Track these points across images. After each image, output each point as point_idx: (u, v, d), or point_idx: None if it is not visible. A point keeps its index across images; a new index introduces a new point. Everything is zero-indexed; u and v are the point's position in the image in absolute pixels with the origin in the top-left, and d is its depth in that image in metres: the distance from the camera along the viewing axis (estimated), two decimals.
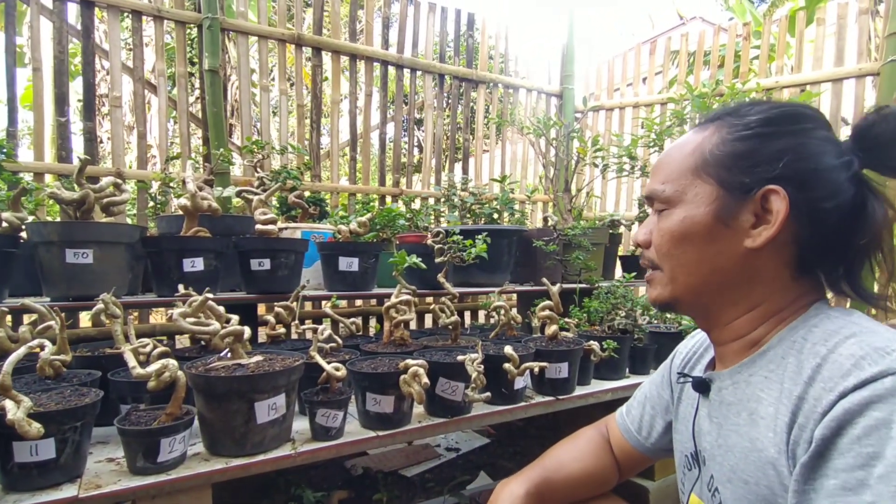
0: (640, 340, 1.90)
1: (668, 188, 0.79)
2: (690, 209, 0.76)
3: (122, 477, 1.05)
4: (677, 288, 0.80)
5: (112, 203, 1.56)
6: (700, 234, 0.76)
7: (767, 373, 0.73)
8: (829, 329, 0.69)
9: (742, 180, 0.73)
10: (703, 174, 0.76)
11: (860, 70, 3.03)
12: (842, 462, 0.58)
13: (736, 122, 0.76)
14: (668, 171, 0.81)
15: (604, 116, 4.04)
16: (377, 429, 1.31)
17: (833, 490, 0.57)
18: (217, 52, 2.65)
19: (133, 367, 1.04)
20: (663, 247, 0.80)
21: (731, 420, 0.77)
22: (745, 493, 0.71)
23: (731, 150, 0.75)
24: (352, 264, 1.86)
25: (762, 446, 0.69)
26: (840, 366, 0.63)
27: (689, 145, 0.79)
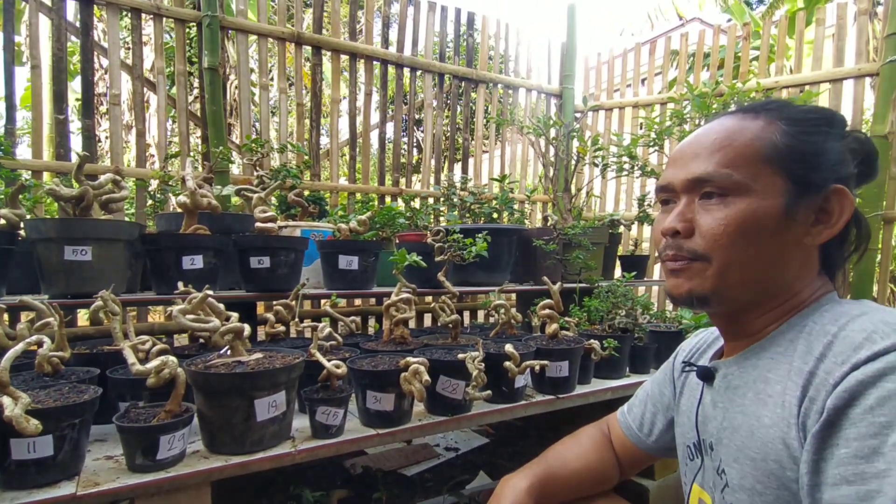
0: (641, 339, 1.90)
1: (736, 174, 0.73)
2: (761, 199, 0.72)
3: (120, 475, 1.05)
4: (727, 281, 0.75)
5: (111, 200, 1.56)
6: (769, 227, 0.72)
7: (774, 355, 0.74)
8: (839, 311, 0.71)
9: (812, 176, 0.73)
10: (773, 164, 0.73)
11: (859, 70, 3.03)
12: (854, 431, 0.57)
13: (793, 116, 0.76)
14: (732, 154, 0.75)
15: (603, 116, 4.04)
16: (377, 427, 1.30)
17: (844, 458, 0.57)
18: (216, 51, 2.64)
19: (132, 364, 1.03)
20: (722, 237, 0.73)
21: (736, 402, 0.77)
22: (752, 469, 0.71)
23: (798, 144, 0.74)
24: (352, 263, 1.85)
25: (770, 422, 0.69)
26: (851, 340, 0.63)
27: (748, 131, 0.75)
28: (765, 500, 0.69)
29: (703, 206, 0.76)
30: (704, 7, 8.04)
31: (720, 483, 0.78)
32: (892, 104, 2.85)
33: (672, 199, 0.83)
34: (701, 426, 0.87)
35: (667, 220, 0.80)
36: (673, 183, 0.81)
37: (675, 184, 0.80)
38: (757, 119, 0.76)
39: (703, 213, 0.76)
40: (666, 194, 0.84)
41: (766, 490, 0.68)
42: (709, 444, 0.83)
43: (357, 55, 3.14)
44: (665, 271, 0.84)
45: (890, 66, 2.84)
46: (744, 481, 0.72)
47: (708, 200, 0.76)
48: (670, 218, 0.79)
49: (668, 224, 0.79)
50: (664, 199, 0.85)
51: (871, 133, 2.92)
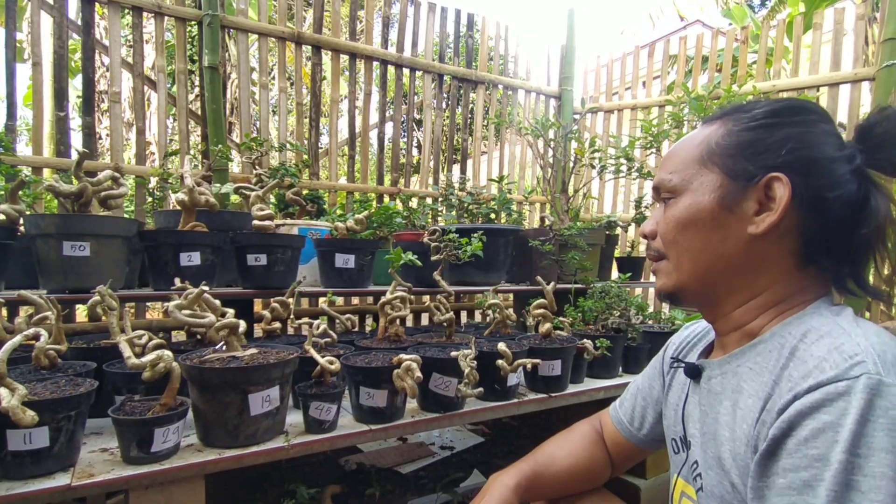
0: (634, 340, 1.92)
1: (675, 178, 0.82)
2: (695, 196, 0.79)
3: (115, 466, 1.06)
4: (682, 276, 0.82)
5: (110, 196, 1.57)
6: (704, 221, 0.78)
7: (753, 364, 0.75)
8: (811, 325, 0.70)
9: (746, 168, 0.75)
10: (708, 163, 0.79)
11: (856, 75, 3.05)
12: (789, 462, 0.60)
13: (742, 116, 0.80)
14: (676, 161, 0.83)
15: (602, 118, 4.05)
16: (370, 423, 1.32)
17: (781, 488, 0.60)
18: (217, 49, 2.66)
19: (128, 358, 1.05)
20: (669, 234, 0.82)
21: (715, 409, 0.79)
22: (721, 479, 0.74)
23: (736, 140, 0.78)
24: (348, 261, 1.87)
25: (736, 437, 0.72)
26: (804, 366, 0.65)
27: (697, 138, 0.83)
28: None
29: (663, 209, 0.85)
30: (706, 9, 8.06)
31: (695, 485, 0.82)
32: None
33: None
34: (686, 421, 0.89)
35: (644, 224, 0.90)
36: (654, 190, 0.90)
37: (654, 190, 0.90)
38: (712, 125, 0.83)
39: (662, 216, 0.85)
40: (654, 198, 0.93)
41: (732, 500, 0.72)
42: (691, 440, 0.86)
43: (357, 55, 3.16)
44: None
45: (886, 71, 2.86)
46: (714, 489, 0.76)
47: (665, 204, 0.85)
48: (645, 222, 0.90)
49: (642, 228, 0.90)
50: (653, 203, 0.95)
51: None
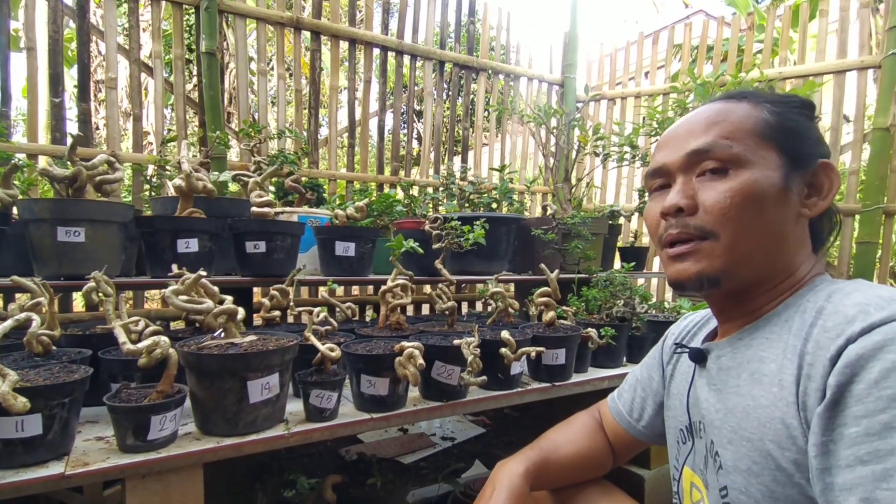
0: (639, 329, 1.89)
1: (737, 146, 0.73)
2: (762, 171, 0.73)
3: (111, 455, 1.03)
4: (736, 257, 0.73)
5: (105, 181, 1.54)
6: (772, 198, 0.72)
7: (769, 335, 0.73)
8: (833, 288, 0.70)
9: (803, 151, 0.75)
10: (767, 139, 0.74)
11: (862, 62, 3.01)
12: (861, 408, 0.55)
13: (773, 100, 0.78)
14: (729, 128, 0.74)
15: (605, 107, 4.01)
16: (372, 411, 1.29)
17: (855, 437, 0.55)
18: (214, 35, 2.61)
19: (123, 343, 1.02)
20: (731, 210, 0.72)
21: (730, 383, 0.76)
22: (748, 450, 0.69)
23: (787, 123, 0.75)
24: (348, 249, 1.84)
25: (767, 402, 0.68)
26: (844, 314, 0.62)
27: (739, 110, 0.76)
28: (761, 482, 0.67)
29: (704, 181, 0.75)
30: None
31: (713, 465, 0.77)
32: (894, 97, 2.83)
33: (666, 183, 0.82)
34: (692, 408, 0.86)
35: (668, 198, 0.78)
36: (667, 164, 0.80)
37: (671, 164, 0.79)
38: (742, 102, 0.78)
39: (706, 189, 0.75)
40: (660, 178, 0.83)
41: (762, 471, 0.67)
42: (700, 425, 0.83)
43: (357, 41, 3.11)
44: (665, 258, 0.81)
45: (892, 59, 2.82)
46: (739, 463, 0.71)
47: (709, 175, 0.75)
48: (671, 195, 0.77)
49: (669, 202, 0.77)
50: (658, 186, 0.84)
51: (873, 125, 2.90)
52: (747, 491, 0.69)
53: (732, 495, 0.72)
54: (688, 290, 0.78)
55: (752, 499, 0.68)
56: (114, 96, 2.60)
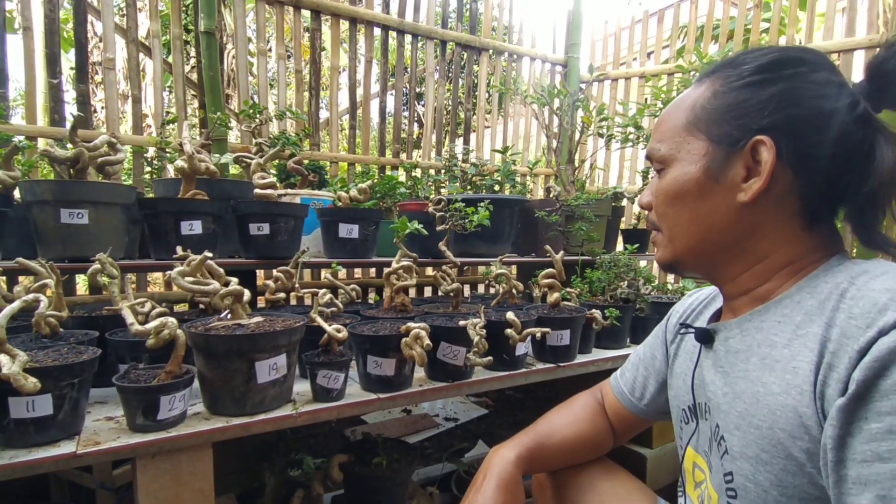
0: (643, 310, 1.90)
1: (663, 147, 0.79)
2: (683, 167, 0.76)
3: (121, 434, 1.04)
4: (677, 248, 0.80)
5: (107, 163, 1.53)
6: (692, 192, 0.75)
7: (780, 317, 0.71)
8: (855, 269, 0.67)
9: (731, 132, 0.71)
10: (694, 130, 0.75)
11: (870, 41, 2.97)
12: (887, 404, 0.53)
13: (730, 73, 0.74)
14: (664, 129, 0.80)
15: (609, 87, 3.97)
16: (378, 392, 1.30)
17: (877, 433, 0.54)
18: (213, 13, 2.57)
19: (131, 324, 1.02)
20: (659, 207, 0.81)
21: (738, 367, 0.74)
22: (757, 438, 0.68)
23: (721, 102, 0.73)
24: (352, 231, 1.83)
25: (779, 389, 0.66)
26: (873, 301, 0.59)
27: (685, 102, 0.78)
28: (769, 470, 0.66)
29: (657, 178, 0.83)
30: None
31: (719, 450, 0.76)
32: None
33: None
34: (697, 389, 0.85)
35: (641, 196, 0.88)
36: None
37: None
38: (701, 85, 0.77)
39: (655, 187, 0.82)
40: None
41: (772, 459, 0.66)
42: (705, 407, 0.82)
43: (357, 20, 3.07)
44: None
45: None
46: (746, 449, 0.69)
47: (657, 174, 0.82)
48: (643, 194, 0.87)
49: (639, 200, 0.90)
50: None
51: None
52: (755, 478, 0.68)
53: (738, 481, 0.71)
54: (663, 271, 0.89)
55: (759, 486, 0.67)
56: (112, 77, 2.57)
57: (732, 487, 0.73)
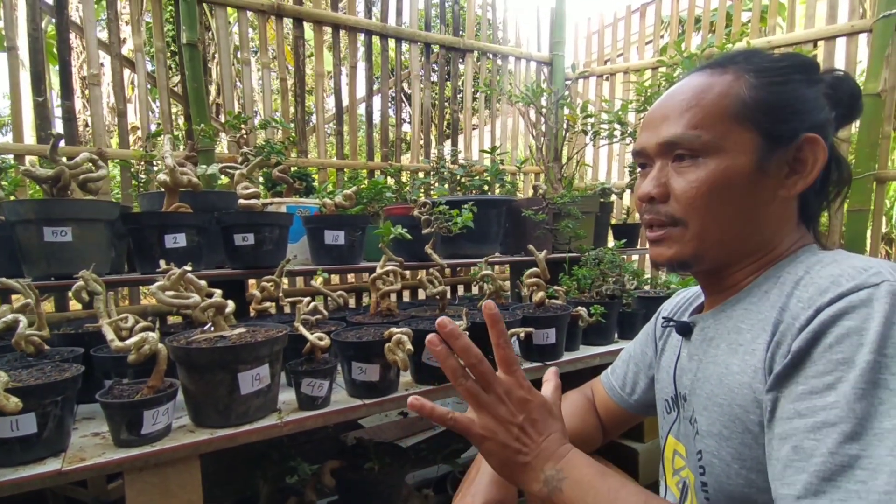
0: (629, 306, 1.91)
1: (706, 134, 0.72)
2: (731, 157, 0.71)
3: (106, 450, 1.05)
4: (705, 244, 0.75)
5: (88, 180, 1.54)
6: (742, 185, 0.71)
7: (749, 305, 0.74)
8: (812, 260, 0.70)
9: (784, 128, 0.72)
10: (741, 120, 0.71)
11: (852, 27, 2.97)
12: (813, 369, 0.58)
13: (762, 67, 0.74)
14: (701, 115, 0.73)
15: (594, 84, 3.97)
16: (364, 397, 1.31)
17: (801, 394, 0.58)
18: (195, 26, 2.58)
19: (111, 341, 1.03)
20: (696, 200, 0.72)
21: (710, 353, 0.78)
22: (719, 415, 0.72)
23: (768, 96, 0.72)
24: (338, 237, 1.84)
25: (738, 369, 0.70)
26: (818, 285, 0.63)
27: (716, 88, 0.73)
28: (730, 445, 0.70)
29: (676, 168, 0.75)
30: None
31: (692, 431, 0.79)
32: (886, 61, 2.81)
33: (648, 164, 0.82)
34: (678, 380, 0.88)
35: (643, 186, 0.79)
36: (647, 148, 0.80)
37: (649, 148, 0.79)
38: (725, 74, 0.75)
39: (676, 177, 0.75)
40: (642, 159, 0.83)
41: (731, 435, 0.70)
42: (683, 395, 0.85)
43: (340, 26, 3.07)
44: (647, 239, 0.83)
45: (883, 22, 2.79)
46: (711, 427, 0.73)
47: (680, 163, 0.75)
48: (645, 183, 0.79)
49: (642, 190, 0.79)
50: (641, 164, 0.84)
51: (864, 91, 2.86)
52: (719, 454, 0.72)
53: (706, 458, 0.74)
54: (662, 269, 0.83)
55: (723, 461, 0.71)
56: (97, 93, 2.58)
57: (702, 465, 0.76)
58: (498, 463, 0.73)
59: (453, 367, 0.71)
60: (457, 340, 0.70)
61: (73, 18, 2.74)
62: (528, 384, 0.75)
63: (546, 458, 0.71)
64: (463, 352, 0.70)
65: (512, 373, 0.74)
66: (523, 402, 0.73)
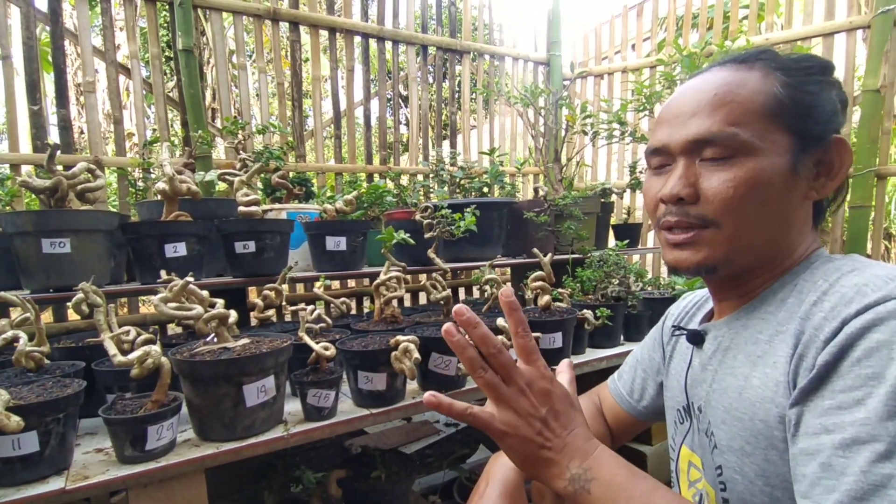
0: (634, 307, 1.89)
1: (744, 132, 0.68)
2: (770, 157, 0.69)
3: (110, 467, 1.04)
4: (738, 246, 0.72)
5: (87, 189, 1.52)
6: (778, 186, 0.69)
7: (765, 315, 0.72)
8: (831, 267, 0.69)
9: (816, 129, 0.70)
10: (777, 120, 0.69)
11: (851, 23, 2.96)
12: (840, 384, 0.56)
13: (787, 67, 0.72)
14: (738, 111, 0.70)
15: (592, 83, 3.96)
16: (370, 406, 1.29)
17: (827, 409, 0.56)
18: (190, 31, 2.56)
19: (114, 355, 1.01)
20: (733, 201, 0.69)
21: (726, 364, 0.76)
22: (740, 430, 0.69)
23: (798, 95, 0.70)
24: (339, 243, 1.82)
25: (759, 382, 0.68)
26: (842, 295, 0.61)
27: (749, 84, 0.71)
28: (753, 461, 0.68)
29: (706, 167, 0.72)
30: None
31: (709, 444, 0.77)
32: (885, 57, 2.80)
33: (667, 163, 0.77)
34: (690, 389, 0.86)
35: (668, 186, 0.74)
36: (669, 144, 0.75)
37: (672, 145, 0.74)
38: (753, 70, 0.72)
39: (708, 176, 0.71)
40: (660, 157, 0.78)
41: (754, 451, 0.67)
42: (697, 406, 0.83)
43: (336, 29, 3.05)
44: (664, 242, 0.78)
45: (882, 18, 2.78)
46: (732, 442, 0.71)
47: (712, 162, 0.71)
48: (672, 183, 0.73)
49: (670, 190, 0.73)
50: (659, 164, 0.79)
51: (863, 87, 2.87)
52: (741, 470, 0.70)
53: (727, 474, 0.73)
54: (684, 275, 0.80)
55: (745, 478, 0.69)
56: (93, 100, 2.55)
57: (722, 480, 0.74)
58: (520, 459, 0.70)
59: (471, 358, 0.66)
60: (475, 329, 0.66)
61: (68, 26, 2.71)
62: (549, 374, 0.71)
63: (572, 455, 0.67)
64: (481, 341, 0.66)
65: (533, 362, 0.69)
66: (546, 393, 0.69)
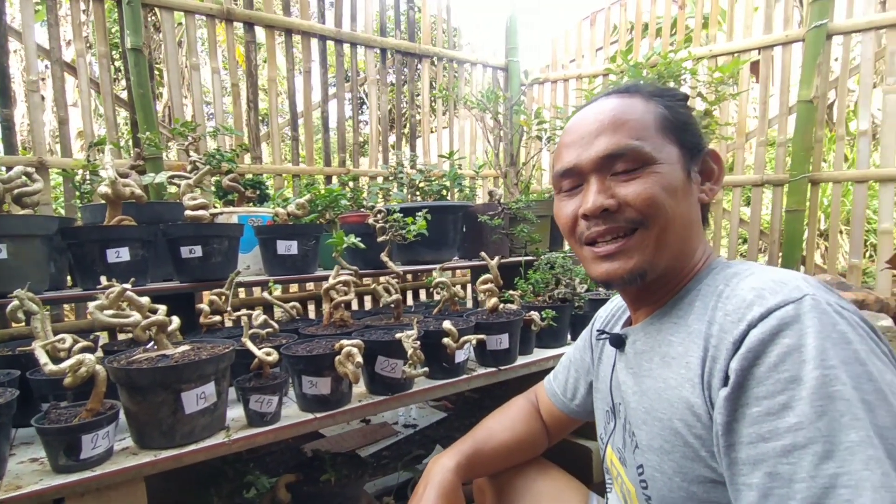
0: (580, 308, 1.96)
1: (646, 145, 0.76)
2: (668, 167, 0.76)
3: (44, 476, 1.02)
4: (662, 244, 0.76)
5: (23, 194, 1.48)
6: (682, 189, 0.77)
7: (676, 318, 0.77)
8: (729, 273, 0.75)
9: (693, 142, 0.80)
10: (667, 134, 0.78)
11: (787, 37, 3.13)
12: (762, 389, 0.59)
13: (661, 93, 0.82)
14: (637, 128, 0.76)
15: (549, 89, 4.06)
16: (315, 410, 1.30)
17: (757, 417, 0.59)
18: (140, 30, 2.50)
19: (45, 364, 1.00)
20: (655, 198, 0.74)
21: (644, 367, 0.81)
22: (660, 429, 0.74)
23: (678, 116, 0.80)
24: (291, 247, 1.82)
25: (675, 383, 0.72)
26: (742, 298, 0.66)
27: (637, 106, 0.79)
28: (671, 458, 0.72)
29: (618, 180, 0.77)
30: None
31: (631, 444, 0.82)
32: (817, 69, 2.97)
33: (578, 183, 0.81)
34: (615, 391, 0.91)
35: (588, 201, 0.77)
36: (580, 164, 0.79)
37: (583, 164, 0.79)
38: (635, 97, 0.81)
39: (623, 186, 0.76)
40: (571, 179, 0.82)
41: (672, 449, 0.71)
42: (620, 407, 0.87)
43: (292, 31, 3.03)
44: (590, 257, 0.81)
45: (814, 32, 2.95)
46: (652, 442, 0.75)
47: (623, 174, 0.76)
48: (592, 198, 0.77)
49: (592, 204, 0.77)
50: (570, 186, 0.83)
51: (798, 98, 3.03)
52: (660, 468, 0.74)
53: (648, 472, 0.77)
54: (616, 286, 0.82)
55: (664, 475, 0.73)
56: (36, 100, 2.47)
57: (644, 479, 0.78)
58: None
59: None
60: None
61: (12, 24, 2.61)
62: None
63: None
64: None
65: None
66: None
